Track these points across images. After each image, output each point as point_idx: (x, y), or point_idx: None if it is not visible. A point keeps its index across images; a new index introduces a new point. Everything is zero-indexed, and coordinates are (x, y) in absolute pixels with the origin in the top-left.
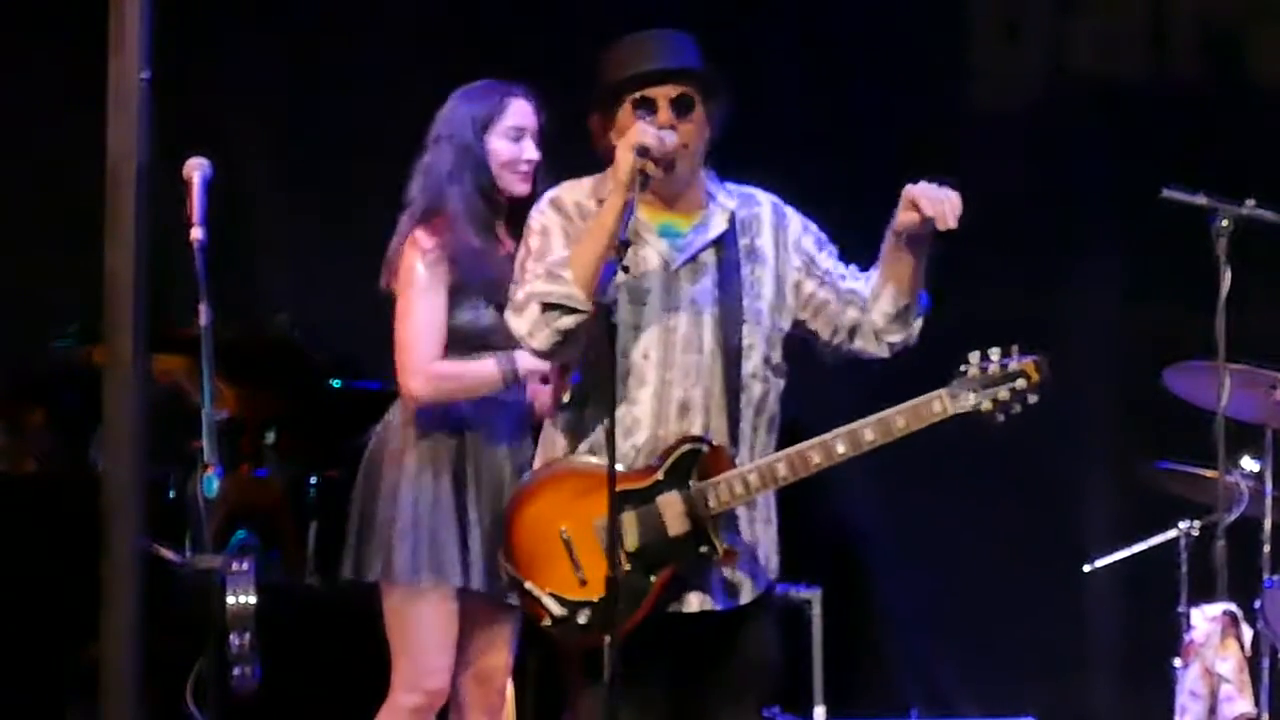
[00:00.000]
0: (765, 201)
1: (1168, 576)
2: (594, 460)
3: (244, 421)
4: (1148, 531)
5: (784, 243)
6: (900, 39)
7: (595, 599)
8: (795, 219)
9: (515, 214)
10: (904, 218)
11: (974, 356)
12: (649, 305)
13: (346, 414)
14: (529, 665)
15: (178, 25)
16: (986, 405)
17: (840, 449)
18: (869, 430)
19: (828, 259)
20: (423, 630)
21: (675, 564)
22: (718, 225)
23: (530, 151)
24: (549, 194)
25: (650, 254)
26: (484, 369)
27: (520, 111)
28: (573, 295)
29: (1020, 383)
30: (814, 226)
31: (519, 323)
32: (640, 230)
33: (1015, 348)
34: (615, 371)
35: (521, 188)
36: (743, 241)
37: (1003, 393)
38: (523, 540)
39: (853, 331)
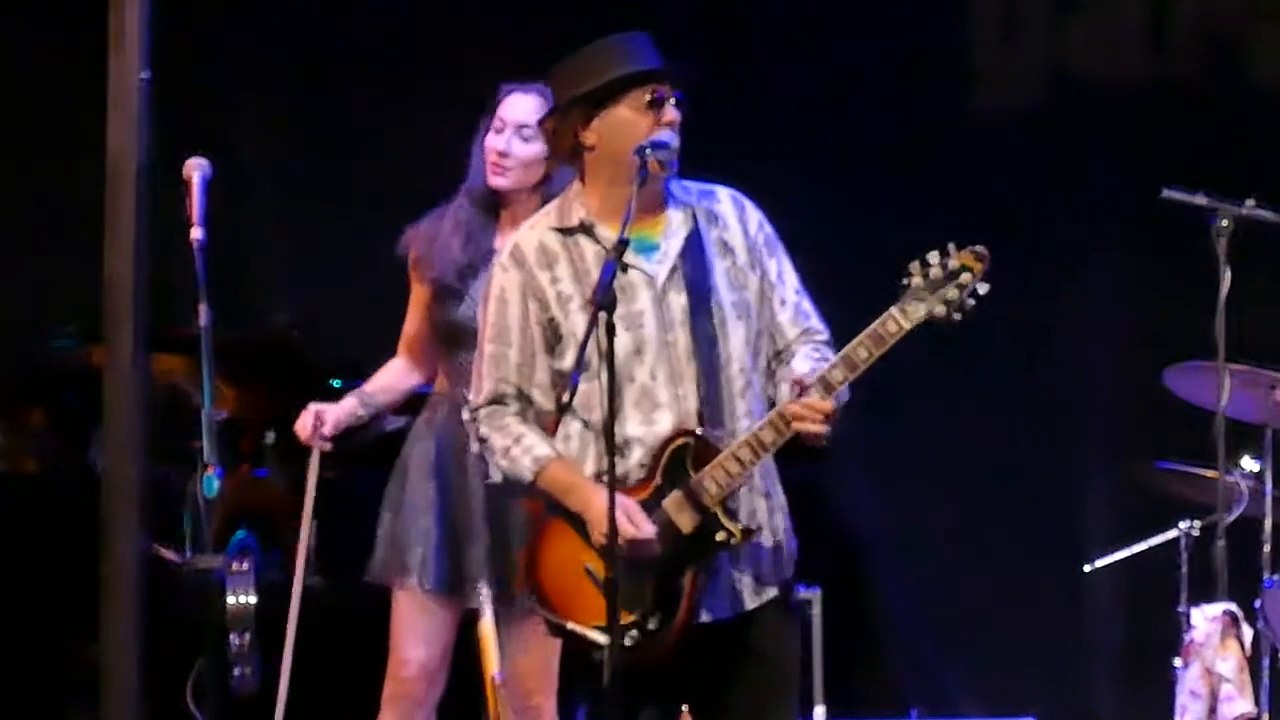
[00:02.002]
0: (724, 196)
1: (1168, 576)
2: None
3: (244, 421)
4: (1148, 531)
5: (748, 231)
6: (900, 39)
7: (635, 618)
8: (753, 210)
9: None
10: (801, 426)
11: (914, 266)
12: (646, 328)
13: None
14: None
15: (178, 25)
16: (940, 310)
17: (815, 396)
18: (837, 370)
19: (774, 268)
20: (396, 624)
21: (699, 560)
22: (684, 226)
23: (502, 143)
24: (512, 239)
25: (634, 275)
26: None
27: (508, 105)
28: (523, 479)
29: (965, 277)
30: (769, 226)
31: (471, 427)
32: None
33: (952, 246)
34: (614, 373)
35: (496, 180)
36: (713, 234)
37: (951, 291)
38: (552, 583)
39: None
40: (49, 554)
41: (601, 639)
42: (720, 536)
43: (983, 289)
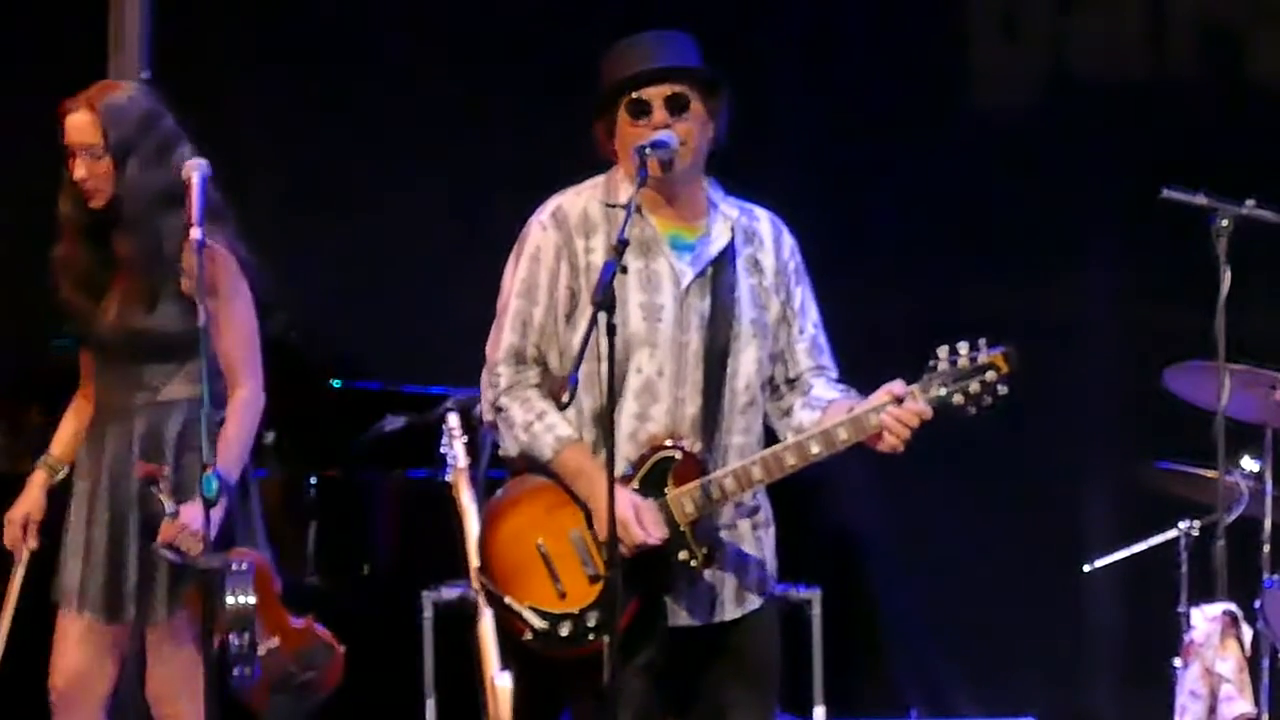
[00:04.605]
0: (764, 216)
1: (1168, 576)
2: None
3: None
4: (1148, 531)
5: (780, 254)
6: (900, 39)
7: (576, 610)
8: (788, 237)
9: None
10: (887, 437)
11: (942, 351)
12: (663, 321)
13: (346, 414)
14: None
15: (177, 25)
16: (957, 399)
17: (814, 449)
18: (842, 430)
19: (798, 297)
20: (55, 639)
21: (655, 573)
22: (722, 236)
23: (77, 170)
24: (553, 203)
25: (663, 267)
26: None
27: (66, 129)
28: (542, 456)
29: (990, 374)
30: (800, 255)
31: (489, 393)
32: (651, 243)
33: (983, 341)
34: (614, 372)
35: (92, 203)
36: (746, 252)
37: (973, 385)
38: (500, 555)
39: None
40: (48, 554)
41: (535, 620)
42: (683, 556)
43: (1003, 390)
